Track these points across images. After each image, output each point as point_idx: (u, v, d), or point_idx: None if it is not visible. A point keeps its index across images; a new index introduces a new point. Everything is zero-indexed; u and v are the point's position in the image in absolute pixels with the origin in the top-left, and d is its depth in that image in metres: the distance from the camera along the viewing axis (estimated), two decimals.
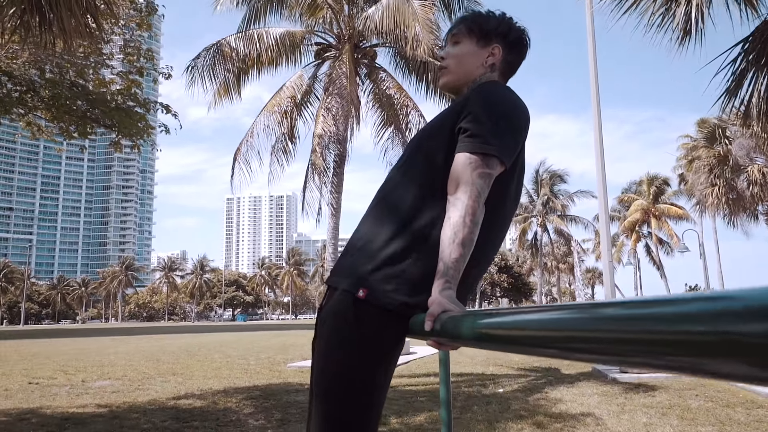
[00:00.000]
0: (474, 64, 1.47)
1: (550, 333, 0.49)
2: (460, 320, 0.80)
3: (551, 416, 5.50)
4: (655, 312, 0.34)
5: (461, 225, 1.16)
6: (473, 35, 1.48)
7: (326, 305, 1.35)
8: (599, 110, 10.88)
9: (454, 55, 1.48)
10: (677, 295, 0.34)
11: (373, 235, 1.33)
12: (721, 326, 0.28)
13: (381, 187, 1.44)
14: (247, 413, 6.00)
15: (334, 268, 1.40)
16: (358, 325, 1.24)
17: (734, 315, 0.28)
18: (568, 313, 0.47)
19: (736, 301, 0.28)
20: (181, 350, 16.22)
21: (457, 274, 1.14)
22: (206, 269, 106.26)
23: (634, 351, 0.37)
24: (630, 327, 0.37)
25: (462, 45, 1.49)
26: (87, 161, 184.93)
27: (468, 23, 1.49)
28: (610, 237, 10.74)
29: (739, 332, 0.27)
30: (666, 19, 5.01)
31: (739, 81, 5.22)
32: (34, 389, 8.05)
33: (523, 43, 1.52)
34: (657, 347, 0.34)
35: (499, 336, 0.62)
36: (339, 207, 8.48)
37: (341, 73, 8.18)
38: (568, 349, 0.46)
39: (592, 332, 0.41)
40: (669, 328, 0.33)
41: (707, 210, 21.15)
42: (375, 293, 1.24)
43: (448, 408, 1.99)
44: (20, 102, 6.64)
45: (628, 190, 44.23)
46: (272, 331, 34.01)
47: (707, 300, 0.30)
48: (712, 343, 0.29)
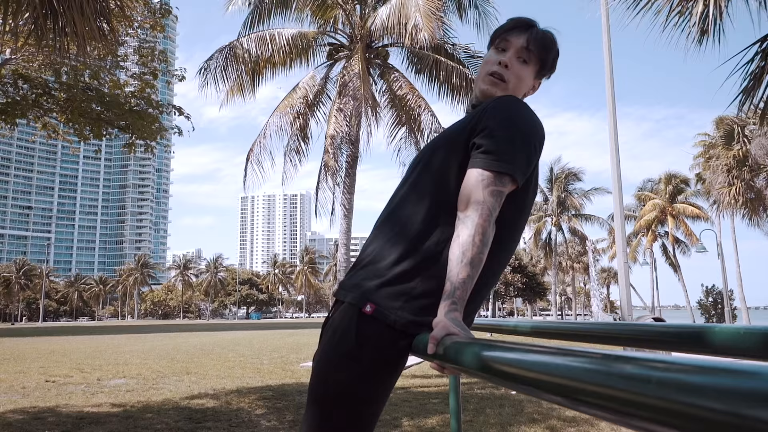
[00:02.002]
0: (524, 88, 1.48)
1: (556, 379, 0.46)
2: (463, 347, 0.78)
3: (564, 420, 5.44)
4: (682, 380, 0.30)
5: (470, 244, 1.14)
6: (537, 64, 1.48)
7: (332, 317, 1.35)
8: (614, 108, 10.76)
9: (516, 75, 1.45)
10: (708, 363, 0.30)
11: (383, 252, 1.31)
12: (745, 410, 0.25)
13: (390, 202, 1.42)
14: (259, 414, 6.02)
15: (343, 281, 1.39)
16: (362, 339, 1.23)
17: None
18: (579, 361, 0.44)
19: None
20: (195, 349, 16.35)
21: (464, 295, 1.12)
22: (220, 267, 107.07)
23: (646, 417, 0.33)
24: (646, 390, 0.33)
25: (528, 68, 1.47)
26: (104, 161, 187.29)
27: (542, 54, 1.47)
28: (624, 237, 10.61)
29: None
30: (683, 17, 4.93)
31: (758, 80, 5.12)
32: (51, 387, 8.16)
33: (553, 67, 1.55)
34: (676, 419, 0.30)
35: (502, 371, 0.59)
36: (351, 207, 8.48)
37: (353, 74, 8.16)
38: (574, 400, 0.43)
39: (602, 388, 0.38)
40: (694, 401, 0.29)
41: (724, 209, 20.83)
42: (381, 309, 1.23)
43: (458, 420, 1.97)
44: (36, 105, 6.73)
45: (643, 189, 43.72)
46: (286, 329, 34.18)
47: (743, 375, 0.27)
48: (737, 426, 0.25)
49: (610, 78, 10.88)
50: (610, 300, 77.31)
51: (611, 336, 1.36)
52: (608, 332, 1.39)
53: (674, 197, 40.74)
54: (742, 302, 34.27)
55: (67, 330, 37.76)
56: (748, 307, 34.92)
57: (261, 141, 9.04)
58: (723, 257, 27.14)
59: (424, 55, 9.11)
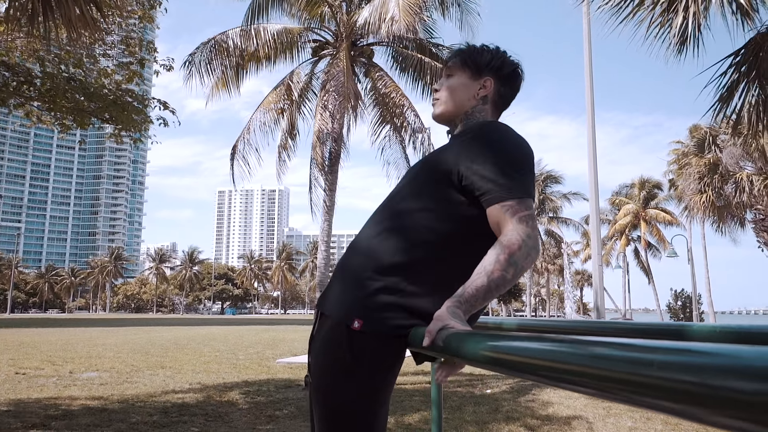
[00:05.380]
0: (465, 96, 1.48)
1: (557, 365, 0.50)
2: (463, 338, 0.82)
3: (541, 419, 5.55)
4: (666, 360, 0.36)
5: (494, 261, 1.16)
6: (467, 68, 1.49)
7: (319, 334, 1.34)
8: (593, 114, 10.97)
9: (446, 87, 1.51)
10: (697, 346, 0.35)
11: (366, 263, 1.32)
12: (727, 382, 0.31)
13: (375, 217, 1.43)
14: (235, 409, 6.01)
15: (326, 293, 1.39)
16: (357, 356, 1.24)
17: (726, 372, 0.30)
18: (583, 348, 0.48)
19: (733, 359, 0.31)
20: (170, 343, 16.16)
21: (473, 299, 1.14)
22: (196, 261, 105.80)
23: (639, 392, 0.38)
24: (635, 370, 0.38)
25: (455, 77, 1.51)
26: (78, 150, 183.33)
27: (462, 56, 1.51)
28: (600, 240, 10.83)
29: (729, 388, 0.30)
30: (663, 28, 5.07)
31: (730, 92, 5.29)
32: (21, 380, 8.00)
33: (517, 76, 1.53)
34: (663, 393, 0.35)
35: (503, 360, 0.63)
36: (332, 205, 8.49)
37: (338, 71, 8.18)
38: (579, 385, 0.47)
39: (602, 371, 0.43)
40: (683, 377, 0.34)
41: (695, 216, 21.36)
42: (369, 322, 1.24)
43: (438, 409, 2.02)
44: (17, 93, 6.59)
45: (619, 193, 44.49)
46: (261, 325, 33.95)
47: (723, 356, 0.32)
48: (717, 397, 0.31)
49: (590, 85, 11.08)
50: (583, 302, 78.56)
51: (595, 332, 1.43)
52: (592, 329, 1.45)
53: (647, 202, 41.56)
54: (710, 306, 35.17)
55: (37, 322, 36.91)
56: (715, 312, 35.86)
57: (245, 136, 9.00)
58: (693, 262, 27.82)
59: (408, 55, 9.17)
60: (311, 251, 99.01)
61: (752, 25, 5.04)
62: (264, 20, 8.89)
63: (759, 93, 5.04)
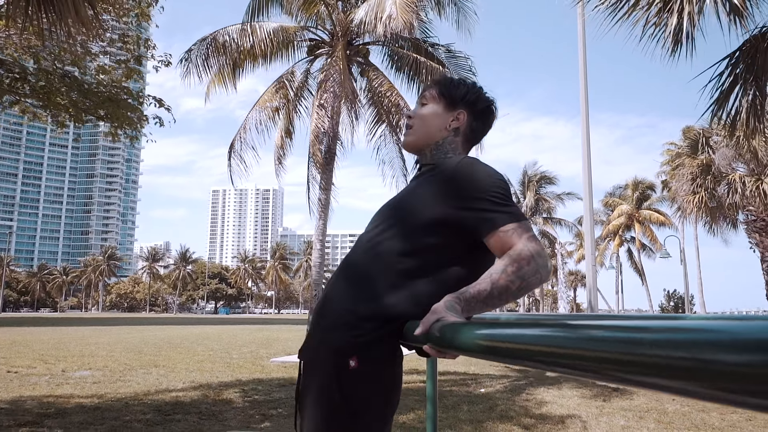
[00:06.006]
0: (438, 126, 1.49)
1: (552, 349, 0.52)
2: (458, 329, 0.82)
3: (535, 417, 5.57)
4: (654, 338, 0.38)
5: (501, 271, 1.14)
6: (442, 99, 1.51)
7: (311, 379, 1.30)
8: (587, 115, 11.01)
9: (420, 116, 1.52)
10: (683, 324, 0.36)
11: (350, 304, 1.30)
12: (705, 355, 0.33)
13: (357, 252, 1.40)
14: (229, 407, 5.99)
15: (311, 343, 1.35)
16: (359, 389, 1.24)
17: (716, 346, 0.32)
18: (569, 332, 0.49)
19: (723, 333, 0.32)
20: (163, 342, 16.10)
21: (472, 301, 1.12)
22: (189, 260, 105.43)
23: (630, 371, 0.40)
24: (627, 349, 0.40)
25: (429, 107, 1.52)
26: (71, 149, 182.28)
27: (439, 87, 1.53)
28: (594, 241, 10.87)
29: (720, 361, 0.32)
30: (658, 29, 5.09)
31: (726, 94, 5.33)
32: (13, 378, 7.95)
33: (490, 112, 1.54)
34: (651, 369, 0.37)
35: (499, 348, 0.64)
36: (327, 204, 8.48)
37: (334, 70, 8.17)
38: (569, 366, 0.49)
39: (595, 352, 0.44)
40: (669, 353, 0.36)
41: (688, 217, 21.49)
42: (365, 354, 1.24)
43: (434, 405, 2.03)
44: (11, 89, 6.55)
45: (613, 194, 44.67)
46: (255, 324, 33.89)
47: (701, 331, 0.34)
48: (699, 369, 0.33)
49: (584, 86, 11.13)
50: (576, 302, 78.87)
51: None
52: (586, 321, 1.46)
53: (641, 203, 41.75)
54: (702, 307, 35.40)
55: (29, 321, 36.69)
56: (707, 312, 36.09)
57: (242, 135, 8.98)
58: (685, 263, 27.99)
59: (404, 55, 9.17)
60: (305, 251, 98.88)
61: (746, 28, 5.08)
62: (264, 17, 8.88)
63: (755, 94, 5.08)
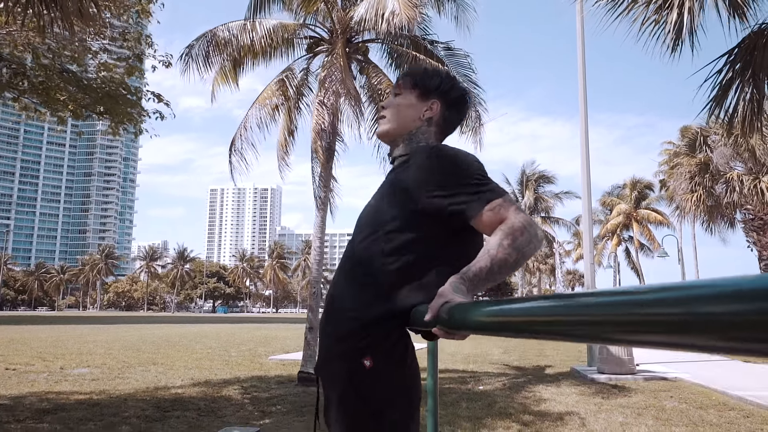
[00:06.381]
0: (411, 116, 1.48)
1: (555, 318, 0.54)
2: (467, 309, 0.83)
3: (534, 414, 5.59)
4: (649, 298, 0.41)
5: (497, 245, 1.15)
6: (415, 89, 1.50)
7: (332, 391, 1.31)
8: (586, 114, 11.02)
9: (393, 105, 1.51)
10: (669, 284, 0.40)
11: (356, 311, 1.30)
12: (698, 308, 0.36)
13: (352, 260, 1.40)
14: (228, 404, 6.00)
15: (324, 357, 1.36)
16: (377, 388, 1.25)
17: (708, 299, 0.35)
18: (571, 301, 0.52)
19: (708, 288, 0.36)
20: (161, 340, 16.10)
21: (475, 279, 1.13)
22: (187, 259, 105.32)
23: (630, 331, 0.43)
24: (627, 310, 0.43)
25: (402, 96, 1.51)
26: (68, 147, 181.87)
27: (413, 77, 1.53)
28: (592, 240, 10.89)
29: (710, 312, 0.35)
30: (658, 26, 5.10)
31: (724, 91, 5.34)
32: (11, 375, 7.95)
33: (463, 102, 1.54)
34: (649, 327, 0.41)
35: (508, 323, 0.65)
36: (326, 203, 8.48)
37: (334, 68, 8.17)
38: (573, 334, 0.52)
39: (593, 317, 0.47)
40: (664, 310, 0.39)
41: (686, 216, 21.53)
42: (378, 353, 1.25)
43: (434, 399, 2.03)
44: (10, 85, 6.55)
45: (611, 194, 44.73)
46: (253, 323, 33.89)
47: (693, 287, 0.38)
48: (697, 322, 0.36)
49: (583, 85, 11.13)
50: None
51: None
52: None
53: (639, 202, 41.82)
54: None
55: (26, 319, 36.63)
56: None
57: (242, 133, 8.96)
58: (683, 262, 28.05)
59: (403, 52, 9.16)
60: (303, 250, 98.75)
61: (746, 23, 5.09)
62: (266, 14, 8.87)
63: (753, 91, 5.09)
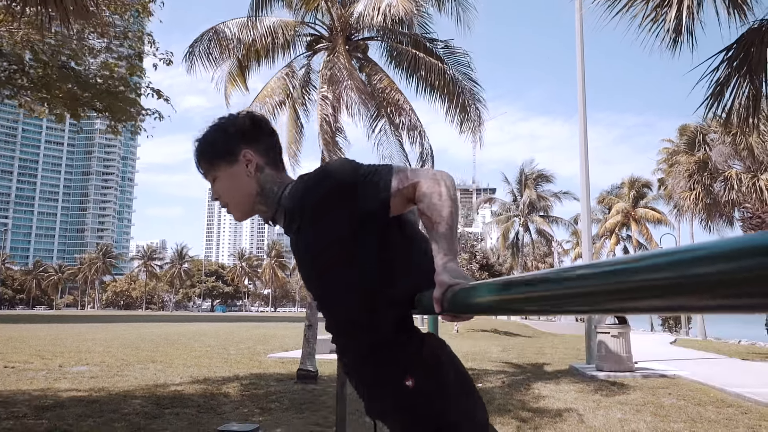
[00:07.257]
0: (242, 183, 1.37)
1: (554, 292, 0.57)
2: (471, 292, 0.84)
3: (533, 411, 5.60)
4: (642, 265, 0.43)
5: (434, 206, 1.11)
6: (218, 161, 1.39)
7: (395, 423, 1.33)
8: (585, 113, 11.03)
9: (222, 191, 1.40)
10: (662, 250, 0.42)
11: (360, 347, 1.32)
12: (693, 270, 0.38)
13: (328, 307, 1.36)
14: (228, 400, 6.00)
15: (371, 404, 1.38)
16: (437, 394, 1.28)
17: (703, 261, 0.37)
18: (566, 272, 0.54)
19: (696, 251, 0.38)
20: (160, 338, 16.08)
21: (451, 243, 1.09)
22: (185, 258, 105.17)
23: (627, 298, 0.46)
24: (625, 278, 0.45)
25: (219, 179, 1.40)
26: (67, 146, 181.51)
27: (205, 157, 1.41)
28: (591, 239, 10.90)
29: (705, 273, 0.37)
30: (657, 23, 5.11)
31: (721, 88, 5.34)
32: (10, 373, 7.95)
33: (258, 125, 1.42)
34: (645, 293, 0.43)
35: (513, 300, 0.66)
36: None
37: (333, 66, 8.17)
38: (570, 308, 0.55)
39: (590, 287, 0.50)
40: (655, 276, 0.41)
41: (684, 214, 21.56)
42: (414, 370, 1.24)
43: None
44: (9, 82, 6.53)
45: (610, 193, 44.76)
46: (252, 322, 33.87)
47: (690, 251, 0.39)
48: (694, 283, 0.38)
49: (581, 84, 11.14)
50: None
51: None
52: None
53: (637, 201, 41.85)
54: None
55: (24, 318, 36.58)
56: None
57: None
58: None
59: (402, 50, 9.16)
60: None
61: (744, 21, 5.09)
62: (268, 11, 8.88)
63: (750, 88, 5.09)
